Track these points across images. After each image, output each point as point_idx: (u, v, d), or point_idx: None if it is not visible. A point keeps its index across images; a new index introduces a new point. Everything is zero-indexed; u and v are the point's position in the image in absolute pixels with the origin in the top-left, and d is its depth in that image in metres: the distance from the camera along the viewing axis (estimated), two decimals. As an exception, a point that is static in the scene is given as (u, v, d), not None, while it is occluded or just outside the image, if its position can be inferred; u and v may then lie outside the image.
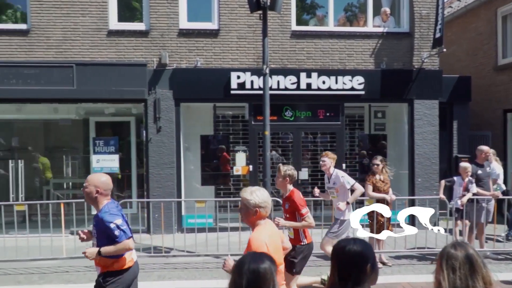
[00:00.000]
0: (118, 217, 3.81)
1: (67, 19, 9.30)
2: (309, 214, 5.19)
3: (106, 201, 3.93)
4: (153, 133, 9.49)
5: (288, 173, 5.31)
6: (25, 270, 7.24)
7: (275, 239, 3.40)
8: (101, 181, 3.92)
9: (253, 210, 3.36)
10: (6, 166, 10.27)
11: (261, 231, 3.33)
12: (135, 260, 4.15)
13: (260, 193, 3.40)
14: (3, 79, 9.16)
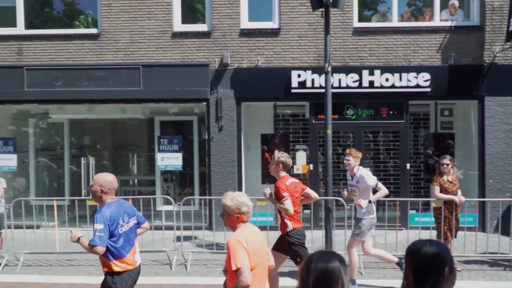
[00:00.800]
0: (100, 222, 3.83)
1: (134, 22, 9.69)
2: (289, 200, 5.23)
3: (110, 199, 4.02)
4: (215, 132, 9.67)
5: (281, 160, 5.40)
6: (96, 262, 7.58)
7: (254, 241, 3.35)
8: (106, 180, 4.02)
9: (235, 216, 3.39)
10: (79, 163, 10.88)
11: (238, 233, 3.35)
12: (139, 263, 4.23)
13: (241, 198, 3.42)
14: (75, 81, 9.71)
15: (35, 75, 9.76)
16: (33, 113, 10.86)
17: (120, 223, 3.98)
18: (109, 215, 3.88)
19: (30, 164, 11.08)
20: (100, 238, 3.79)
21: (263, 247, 3.47)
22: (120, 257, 3.99)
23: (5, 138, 10.08)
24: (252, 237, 3.35)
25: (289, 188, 5.34)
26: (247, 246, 3.22)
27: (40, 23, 10.34)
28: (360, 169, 6.43)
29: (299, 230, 5.40)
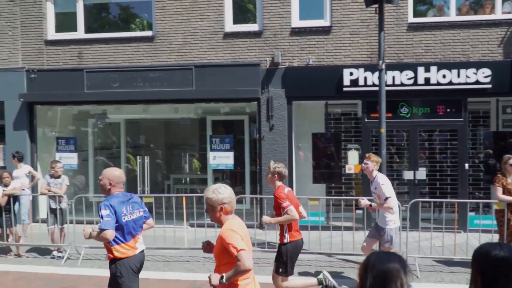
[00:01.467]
0: (105, 209, 4.09)
1: (187, 24, 9.90)
2: (291, 207, 5.11)
3: (117, 191, 4.30)
4: (266, 131, 9.71)
5: (277, 170, 5.37)
6: (152, 258, 7.86)
7: (244, 230, 3.43)
8: (114, 174, 4.33)
9: (218, 207, 3.40)
10: (134, 162, 11.24)
11: (230, 222, 3.38)
12: (141, 250, 4.44)
13: (222, 190, 3.44)
14: (132, 82, 10.06)
15: (94, 77, 10.20)
16: (92, 113, 11.37)
17: (124, 212, 4.21)
18: (113, 203, 4.15)
19: (89, 163, 11.59)
20: (108, 222, 4.04)
21: (248, 240, 3.50)
22: (119, 243, 4.22)
23: (66, 138, 10.61)
24: (242, 228, 3.42)
25: (289, 196, 5.28)
26: (241, 234, 3.29)
27: (98, 27, 10.77)
28: (379, 175, 6.24)
29: (294, 243, 5.27)
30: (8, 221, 8.17)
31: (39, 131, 10.86)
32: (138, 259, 4.43)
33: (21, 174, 8.94)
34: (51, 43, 10.44)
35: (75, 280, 6.95)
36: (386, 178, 6.25)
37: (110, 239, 4.11)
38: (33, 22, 10.47)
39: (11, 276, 7.12)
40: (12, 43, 10.55)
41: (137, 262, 4.41)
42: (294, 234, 5.27)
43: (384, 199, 5.95)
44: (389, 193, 5.96)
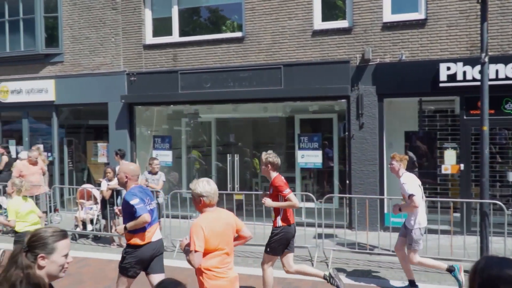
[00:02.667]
0: (135, 198, 4.60)
1: (276, 23, 9.99)
2: (292, 194, 5.39)
3: (134, 185, 4.78)
4: (355, 129, 9.49)
5: (269, 160, 5.55)
6: (242, 253, 8.04)
7: (216, 224, 3.67)
8: (130, 169, 4.83)
9: (198, 199, 3.75)
10: (224, 159, 11.59)
11: (201, 217, 3.71)
12: (157, 239, 4.86)
13: (203, 184, 3.75)
14: (222, 82, 10.37)
15: (187, 78, 10.67)
16: (185, 113, 11.90)
17: (146, 202, 4.73)
18: (136, 194, 4.66)
19: (182, 160, 12.15)
20: (141, 208, 4.56)
21: (227, 232, 3.76)
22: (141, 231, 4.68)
23: (162, 136, 11.23)
24: (215, 222, 3.69)
25: (287, 184, 5.52)
26: (206, 232, 3.58)
27: (191, 31, 11.24)
28: (404, 174, 6.09)
29: (286, 227, 5.55)
30: (112, 214, 8.83)
31: (137, 130, 11.60)
32: (154, 246, 4.85)
33: (123, 170, 9.59)
34: (149, 47, 11.09)
35: (170, 271, 7.28)
36: (411, 177, 6.10)
37: (148, 221, 4.61)
38: (133, 28, 11.20)
39: (114, 264, 7.67)
40: (114, 49, 11.38)
41: (152, 249, 4.83)
42: (287, 219, 5.55)
43: (408, 197, 5.87)
44: (411, 190, 5.87)
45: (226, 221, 3.81)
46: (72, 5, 11.83)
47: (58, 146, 12.50)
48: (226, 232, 3.75)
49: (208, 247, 3.60)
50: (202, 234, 3.57)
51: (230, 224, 3.84)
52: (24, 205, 6.32)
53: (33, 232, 2.42)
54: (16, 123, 13.31)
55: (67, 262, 2.41)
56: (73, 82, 11.81)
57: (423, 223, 6.01)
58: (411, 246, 6.00)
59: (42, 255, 2.34)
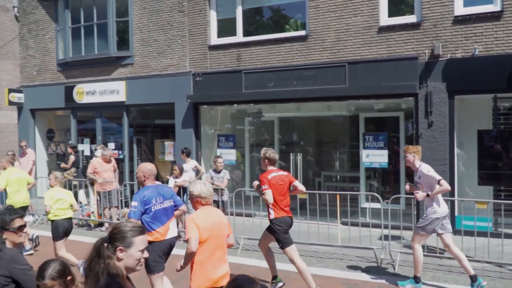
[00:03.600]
0: (135, 200, 4.91)
1: (340, 21, 9.84)
2: (268, 191, 5.78)
3: (150, 183, 5.12)
4: (424, 128, 9.14)
5: (266, 156, 6.03)
6: (305, 253, 8.01)
7: (207, 220, 4.04)
8: (147, 168, 5.17)
9: (196, 199, 4.18)
10: (287, 158, 11.59)
11: (195, 213, 4.12)
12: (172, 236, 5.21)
13: (200, 186, 4.18)
14: (285, 81, 10.37)
15: (251, 78, 10.78)
16: (249, 112, 12.04)
17: (153, 202, 4.97)
18: (144, 195, 4.95)
19: (245, 159, 12.30)
20: (134, 212, 4.87)
21: (217, 227, 4.08)
22: (149, 230, 4.93)
23: (226, 135, 11.43)
24: (206, 217, 4.06)
25: (271, 181, 5.86)
26: (199, 223, 3.97)
27: (254, 30, 11.34)
28: (423, 164, 6.26)
29: (281, 218, 5.93)
30: (179, 210, 9.11)
31: (202, 129, 11.89)
32: (168, 243, 5.14)
33: (189, 168, 9.87)
34: (214, 48, 11.32)
35: (235, 268, 7.40)
36: (428, 166, 6.26)
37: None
38: (198, 30, 11.49)
39: (181, 259, 7.90)
40: (181, 50, 11.73)
41: (166, 246, 5.14)
42: (279, 212, 5.94)
43: (438, 183, 5.95)
44: (438, 176, 6.03)
45: (216, 219, 4.16)
46: (142, 9, 12.33)
47: (128, 144, 13.09)
48: (215, 228, 4.08)
49: (200, 238, 3.98)
50: (194, 225, 3.98)
51: (221, 222, 4.18)
52: (61, 195, 7.09)
53: (115, 225, 2.56)
54: (90, 123, 14.11)
55: (143, 256, 2.52)
56: (142, 83, 12.33)
57: (441, 213, 6.09)
58: (419, 229, 6.15)
59: (121, 247, 2.46)
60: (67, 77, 13.86)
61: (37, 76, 14.57)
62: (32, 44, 14.66)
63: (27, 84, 14.75)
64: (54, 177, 7.25)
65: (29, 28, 14.71)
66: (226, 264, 4.17)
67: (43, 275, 2.85)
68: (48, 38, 14.25)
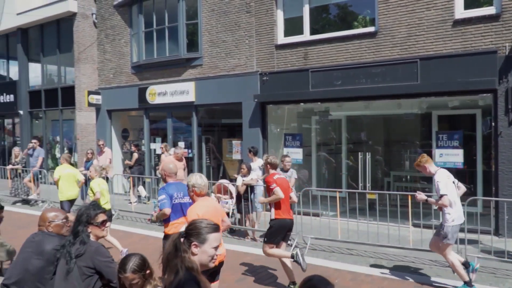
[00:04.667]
0: (162, 194, 5.45)
1: (412, 15, 9.48)
2: (277, 189, 6.17)
3: (172, 180, 5.64)
4: (504, 126, 8.59)
5: (268, 161, 6.60)
6: (374, 254, 7.82)
7: (205, 208, 4.53)
8: (168, 167, 5.72)
9: (191, 189, 4.67)
10: (355, 158, 11.37)
11: (195, 204, 4.64)
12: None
13: (196, 177, 4.69)
14: (354, 79, 10.17)
15: (318, 76, 10.69)
16: (316, 111, 11.95)
17: (175, 196, 5.45)
18: (167, 189, 5.49)
19: (312, 158, 12.21)
20: (163, 204, 5.38)
21: (213, 214, 4.50)
22: (169, 221, 5.44)
23: (293, 134, 11.43)
24: (204, 207, 4.56)
25: (277, 181, 6.31)
26: (198, 213, 4.38)
27: (320, 28, 11.22)
28: (438, 171, 6.25)
29: (281, 221, 6.28)
30: (246, 208, 9.25)
31: (269, 128, 11.97)
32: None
33: (256, 167, 9.97)
34: (281, 47, 11.35)
35: (303, 267, 7.41)
36: (445, 174, 6.20)
37: (168, 214, 5.40)
38: (265, 30, 11.57)
39: (249, 257, 8.02)
40: (248, 50, 11.89)
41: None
42: (281, 214, 6.28)
43: (439, 197, 6.02)
44: (444, 190, 6.00)
45: (212, 207, 4.69)
46: (210, 11, 12.63)
47: (197, 143, 13.47)
48: (211, 214, 4.47)
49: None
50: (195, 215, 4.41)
51: (217, 210, 4.76)
52: (103, 186, 8.19)
53: (191, 221, 2.65)
54: (162, 122, 14.69)
55: (216, 254, 2.57)
56: (210, 83, 12.64)
57: (457, 221, 6.08)
58: (443, 241, 6.10)
59: (195, 243, 2.54)
60: (141, 79, 14.53)
61: (113, 79, 15.40)
62: (108, 49, 15.52)
63: (104, 86, 15.64)
64: (94, 169, 8.41)
65: (106, 33, 15.58)
66: (222, 246, 4.71)
67: (124, 268, 3.01)
68: (123, 42, 15.01)
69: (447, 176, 6.19)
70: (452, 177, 6.29)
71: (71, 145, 17.55)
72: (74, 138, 16.99)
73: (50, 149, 18.28)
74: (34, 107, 18.44)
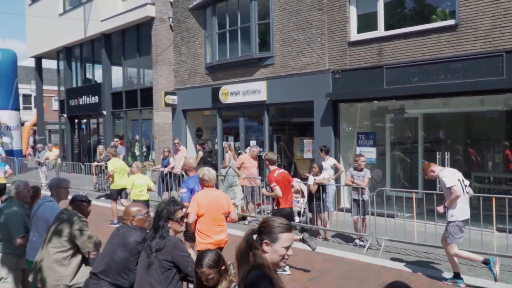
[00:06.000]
0: (183, 188, 6.04)
1: (497, 5, 8.88)
2: (277, 187, 6.97)
3: (192, 174, 6.27)
4: None
5: (267, 157, 7.39)
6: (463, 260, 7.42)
7: (206, 198, 5.27)
8: (189, 162, 6.52)
9: (200, 180, 5.47)
10: (433, 157, 10.86)
11: (198, 193, 5.50)
12: None
13: (204, 171, 5.43)
14: (432, 75, 9.73)
15: (393, 73, 10.35)
16: (390, 109, 11.57)
17: (196, 189, 5.88)
18: (188, 183, 6.05)
19: (386, 157, 11.84)
20: (185, 197, 5.86)
21: (214, 204, 5.25)
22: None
23: (366, 133, 11.15)
24: (205, 196, 5.31)
25: (277, 178, 7.11)
26: (199, 201, 5.24)
27: (396, 23, 10.84)
28: (443, 170, 6.47)
29: (281, 210, 7.08)
30: (318, 207, 9.18)
31: (341, 126, 11.78)
32: None
33: (328, 166, 9.87)
34: (353, 44, 11.12)
35: (377, 269, 7.22)
36: (450, 172, 6.43)
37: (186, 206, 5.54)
38: (338, 27, 11.39)
39: (320, 256, 7.96)
40: (320, 48, 11.77)
41: None
42: (281, 204, 7.12)
43: (449, 190, 6.18)
44: (450, 182, 6.19)
45: (214, 198, 5.33)
46: (282, 10, 12.67)
47: (268, 142, 13.58)
48: (211, 205, 5.23)
49: (198, 212, 5.18)
50: (195, 203, 5.24)
51: (219, 201, 5.32)
52: (139, 180, 9.15)
53: (265, 218, 2.67)
54: (233, 122, 14.97)
55: (287, 254, 2.55)
56: (282, 82, 12.68)
57: (461, 217, 6.25)
58: (448, 238, 6.34)
59: (266, 241, 2.54)
60: (214, 79, 14.91)
61: (188, 80, 15.95)
62: (184, 51, 16.09)
63: (179, 87, 16.24)
64: (136, 166, 9.36)
65: (182, 36, 16.16)
66: (222, 233, 5.33)
67: (201, 263, 3.11)
68: (198, 44, 15.48)
69: (453, 173, 6.42)
70: (459, 175, 6.47)
71: (149, 143, 18.43)
72: (152, 137, 17.81)
73: (130, 147, 19.31)
74: (116, 107, 19.57)
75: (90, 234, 4.33)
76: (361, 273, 7.09)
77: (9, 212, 5.02)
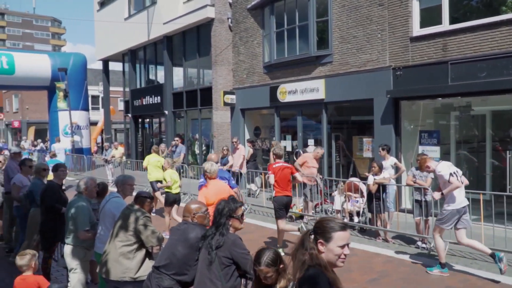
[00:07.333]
0: (201, 178, 6.80)
1: None
2: (271, 176, 7.92)
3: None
4: None
5: (274, 152, 8.25)
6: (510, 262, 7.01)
7: (212, 190, 5.95)
8: (210, 157, 7.68)
9: (204, 172, 6.24)
10: (501, 157, 10.27)
11: (206, 187, 6.14)
12: None
13: (208, 165, 6.20)
14: (501, 70, 9.21)
15: (458, 68, 9.89)
16: (455, 106, 11.06)
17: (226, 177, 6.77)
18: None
19: (451, 156, 11.34)
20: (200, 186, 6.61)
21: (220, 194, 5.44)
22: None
23: (429, 131, 10.74)
24: (212, 188, 5.98)
25: (275, 169, 7.94)
26: (206, 194, 5.87)
27: (462, 17, 10.34)
28: (438, 165, 6.78)
29: (279, 197, 7.91)
30: (378, 208, 8.98)
31: (402, 125, 11.42)
32: None
33: (388, 165, 9.60)
34: (416, 40, 10.74)
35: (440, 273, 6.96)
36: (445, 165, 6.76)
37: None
38: (399, 22, 11.05)
39: (380, 258, 7.78)
40: (380, 45, 11.48)
41: None
42: (279, 192, 7.92)
43: (448, 181, 6.58)
44: (448, 176, 6.58)
45: (216, 187, 6.00)
46: (341, 7, 12.48)
47: (327, 141, 13.43)
48: (218, 194, 5.45)
49: (207, 202, 5.43)
50: (202, 197, 5.84)
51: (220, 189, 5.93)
52: (173, 175, 9.71)
53: (320, 218, 2.66)
54: (291, 120, 14.95)
55: (343, 253, 2.53)
56: (340, 80, 12.50)
57: (456, 205, 6.64)
58: (438, 221, 6.79)
59: (321, 241, 2.54)
60: (272, 78, 14.97)
61: (246, 79, 16.12)
62: (242, 50, 16.28)
63: (238, 86, 16.45)
64: (167, 162, 10.03)
65: (240, 36, 16.36)
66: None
67: (259, 261, 3.15)
68: (256, 44, 15.61)
69: (448, 167, 6.74)
70: (453, 167, 6.84)
71: (208, 142, 18.83)
72: (211, 135, 18.17)
73: (190, 146, 19.83)
74: (177, 107, 20.16)
75: (153, 229, 4.51)
76: (423, 276, 6.86)
77: (78, 206, 5.35)
